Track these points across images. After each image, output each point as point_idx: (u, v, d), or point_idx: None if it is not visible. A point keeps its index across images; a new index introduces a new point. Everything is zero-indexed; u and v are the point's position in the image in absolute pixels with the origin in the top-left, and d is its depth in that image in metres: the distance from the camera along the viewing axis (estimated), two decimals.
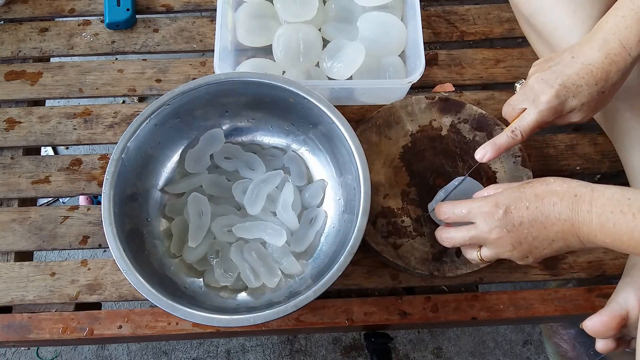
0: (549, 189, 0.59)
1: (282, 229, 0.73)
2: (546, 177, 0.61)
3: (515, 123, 0.68)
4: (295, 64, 0.82)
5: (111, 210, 0.65)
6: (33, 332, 0.75)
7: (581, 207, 0.56)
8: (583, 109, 0.66)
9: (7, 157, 0.84)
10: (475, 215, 0.63)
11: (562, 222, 0.58)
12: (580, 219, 0.56)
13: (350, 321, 0.75)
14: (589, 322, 0.65)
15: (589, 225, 0.56)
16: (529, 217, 0.59)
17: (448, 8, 0.94)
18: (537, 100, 0.66)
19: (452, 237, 0.66)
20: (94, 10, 0.94)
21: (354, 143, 0.68)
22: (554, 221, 0.58)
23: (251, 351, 1.29)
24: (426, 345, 1.29)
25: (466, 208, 0.64)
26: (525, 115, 0.67)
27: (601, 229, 0.55)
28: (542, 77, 0.66)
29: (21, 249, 0.79)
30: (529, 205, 0.59)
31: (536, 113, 0.66)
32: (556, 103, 0.65)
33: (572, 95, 0.65)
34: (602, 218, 0.55)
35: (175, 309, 0.61)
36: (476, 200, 0.64)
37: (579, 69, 0.64)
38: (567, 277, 0.78)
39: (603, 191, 0.56)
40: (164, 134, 0.74)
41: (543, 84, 0.66)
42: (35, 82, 0.89)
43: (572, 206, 0.57)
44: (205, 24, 0.92)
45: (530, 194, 0.59)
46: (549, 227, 0.58)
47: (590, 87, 0.64)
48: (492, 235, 0.62)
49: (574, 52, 0.66)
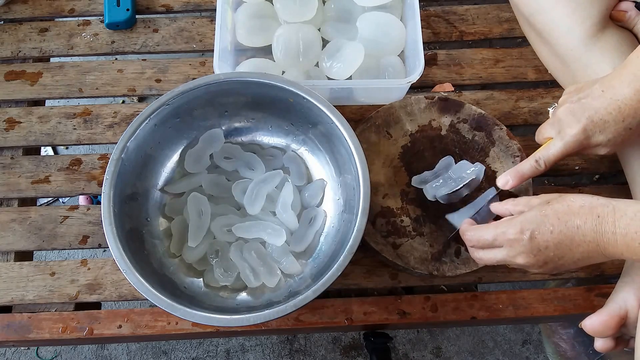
0: (570, 210, 0.58)
1: (281, 228, 0.73)
2: (565, 195, 0.60)
3: (540, 152, 0.68)
4: (294, 64, 0.82)
5: (111, 210, 0.65)
6: (33, 332, 0.75)
7: (605, 229, 0.56)
8: (609, 144, 0.65)
9: (7, 157, 0.85)
10: (501, 242, 0.62)
11: (587, 244, 0.58)
12: (605, 240, 0.56)
13: (350, 321, 0.76)
14: (588, 321, 0.65)
15: (614, 246, 0.56)
16: (554, 241, 0.59)
17: (447, 8, 0.94)
18: (564, 132, 0.66)
19: (481, 259, 0.66)
20: (93, 10, 0.94)
21: (353, 143, 0.68)
22: (579, 243, 0.58)
23: (251, 351, 1.29)
24: (425, 345, 1.29)
25: (491, 235, 0.63)
26: (550, 145, 0.67)
27: (627, 248, 0.55)
28: (571, 110, 0.66)
29: (21, 248, 0.80)
30: (553, 230, 0.59)
31: (562, 145, 0.66)
32: (582, 137, 0.65)
33: (598, 131, 0.64)
34: (627, 238, 0.55)
35: (174, 309, 0.62)
36: (500, 225, 0.63)
37: (607, 104, 0.64)
38: (566, 276, 0.78)
39: (625, 210, 0.56)
40: (163, 134, 0.74)
41: (571, 117, 0.66)
42: (35, 82, 0.89)
43: (595, 228, 0.57)
44: (205, 24, 0.93)
45: (553, 216, 0.59)
46: (574, 248, 0.59)
47: (618, 123, 0.64)
48: (518, 260, 0.62)
49: (604, 86, 0.65)
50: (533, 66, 0.89)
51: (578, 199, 0.59)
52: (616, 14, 0.78)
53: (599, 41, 0.76)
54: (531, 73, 0.89)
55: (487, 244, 0.64)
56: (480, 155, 0.80)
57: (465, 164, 0.77)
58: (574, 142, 0.65)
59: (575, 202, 0.59)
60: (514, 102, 0.87)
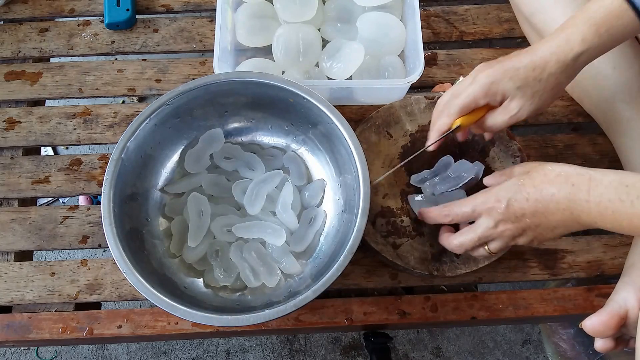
0: (546, 179, 0.59)
1: (281, 228, 0.73)
2: (544, 164, 0.61)
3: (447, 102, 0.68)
4: (294, 64, 0.82)
5: (111, 210, 0.65)
6: (33, 332, 0.75)
7: (579, 197, 0.57)
8: (518, 94, 0.65)
9: (7, 157, 0.85)
10: (480, 212, 0.63)
11: (561, 212, 0.58)
12: (579, 208, 0.57)
13: (350, 321, 0.76)
14: (588, 321, 0.65)
15: (588, 214, 0.57)
16: (530, 209, 0.60)
17: (447, 8, 0.94)
18: (474, 79, 0.66)
19: (463, 243, 0.66)
20: (93, 10, 0.94)
21: (353, 143, 0.68)
22: (554, 211, 0.59)
23: (251, 351, 1.29)
24: (425, 345, 1.29)
25: (470, 207, 0.64)
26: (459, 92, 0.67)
27: (601, 217, 0.56)
28: (486, 62, 0.67)
29: (21, 248, 0.80)
30: (529, 198, 0.60)
31: (469, 89, 0.66)
32: (489, 81, 0.65)
33: (508, 77, 0.64)
34: (601, 207, 0.55)
35: (174, 309, 0.62)
36: (478, 197, 0.64)
37: (522, 57, 0.65)
38: (567, 276, 0.78)
39: (601, 179, 0.56)
40: (163, 134, 0.74)
41: (483, 66, 0.66)
42: (35, 82, 0.89)
43: (569, 196, 0.57)
44: (204, 24, 0.93)
45: (530, 185, 0.60)
46: (549, 216, 0.59)
47: (527, 71, 0.64)
48: (497, 229, 0.63)
49: (527, 48, 0.66)
50: None
51: (556, 167, 0.59)
52: None
53: None
54: None
55: (466, 216, 0.65)
56: (480, 155, 0.80)
57: (464, 163, 0.77)
58: (481, 85, 0.65)
59: (553, 171, 0.59)
60: None
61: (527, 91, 0.65)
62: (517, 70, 0.64)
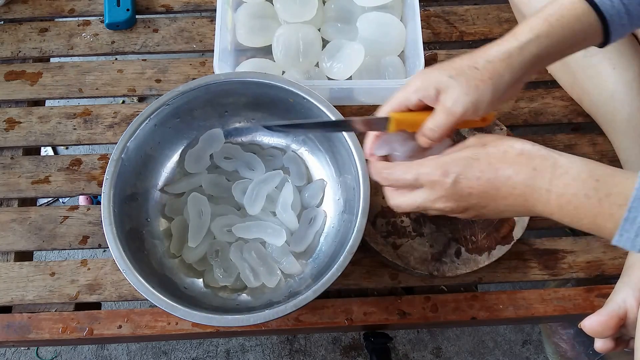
0: (505, 158, 0.52)
1: (281, 228, 0.73)
2: (504, 139, 0.54)
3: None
4: (294, 64, 0.82)
5: (111, 210, 0.65)
6: (33, 332, 0.75)
7: (539, 184, 0.50)
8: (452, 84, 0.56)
9: (7, 157, 0.85)
10: (423, 183, 0.56)
11: (514, 197, 0.52)
12: (535, 197, 0.51)
13: (350, 321, 0.76)
14: (587, 322, 0.65)
15: (545, 204, 0.51)
16: (478, 189, 0.53)
17: (447, 8, 0.94)
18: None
19: (399, 206, 0.59)
20: (93, 10, 0.94)
21: (353, 143, 0.68)
22: (505, 195, 0.52)
23: (251, 351, 1.29)
24: (425, 345, 1.29)
25: (412, 175, 0.56)
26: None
27: (559, 210, 0.50)
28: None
29: (21, 249, 0.80)
30: (481, 176, 0.53)
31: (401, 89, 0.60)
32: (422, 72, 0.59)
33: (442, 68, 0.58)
34: (562, 200, 0.49)
35: (174, 309, 0.62)
36: (424, 165, 0.56)
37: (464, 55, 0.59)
38: (566, 277, 0.78)
39: (568, 167, 0.50)
40: (163, 134, 0.74)
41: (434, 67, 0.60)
42: (35, 82, 0.89)
43: (528, 182, 0.51)
44: (205, 24, 0.93)
45: (485, 161, 0.53)
46: (499, 200, 0.53)
47: (462, 60, 0.57)
48: (438, 204, 0.56)
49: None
50: None
51: (517, 144, 0.53)
52: None
53: None
54: None
55: (407, 184, 0.57)
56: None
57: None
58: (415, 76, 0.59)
59: (513, 148, 0.52)
60: (514, 102, 0.87)
61: (461, 80, 0.56)
62: (453, 62, 0.58)
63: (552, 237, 0.80)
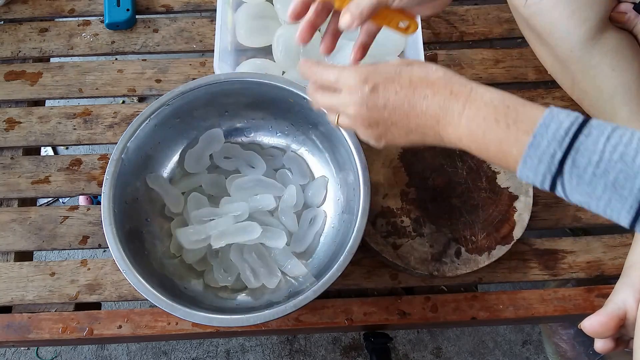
0: (426, 79, 0.53)
1: (280, 230, 0.73)
2: (431, 64, 0.55)
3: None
4: (295, 64, 0.82)
5: (111, 210, 0.65)
6: (33, 332, 0.75)
7: (453, 107, 0.51)
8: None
9: (7, 157, 0.85)
10: (342, 85, 0.57)
11: (426, 117, 0.53)
12: (448, 119, 0.52)
13: (350, 321, 0.76)
14: (587, 322, 0.65)
15: (456, 128, 0.52)
16: (394, 103, 0.54)
17: (447, 8, 0.94)
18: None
19: (316, 101, 0.61)
20: (93, 10, 0.94)
21: (353, 143, 0.68)
22: (418, 113, 0.53)
23: (251, 351, 1.29)
24: (426, 345, 1.29)
25: (334, 76, 0.57)
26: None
27: (469, 134, 0.51)
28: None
29: (21, 249, 0.80)
30: (399, 91, 0.54)
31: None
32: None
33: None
34: (473, 124, 0.50)
35: (174, 309, 0.62)
36: (347, 69, 0.57)
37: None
38: (567, 277, 0.78)
39: (483, 94, 0.51)
40: (163, 134, 0.74)
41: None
42: (35, 82, 0.89)
43: (443, 103, 0.52)
44: (205, 24, 0.93)
45: (405, 78, 0.54)
46: (411, 117, 0.54)
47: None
48: (350, 109, 0.57)
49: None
50: (533, 67, 0.89)
51: (440, 71, 0.54)
52: (615, 16, 0.78)
53: (598, 43, 0.75)
54: (531, 74, 0.89)
55: (327, 84, 0.59)
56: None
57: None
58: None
59: (436, 73, 0.53)
60: None
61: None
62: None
63: (552, 237, 0.80)
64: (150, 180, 0.74)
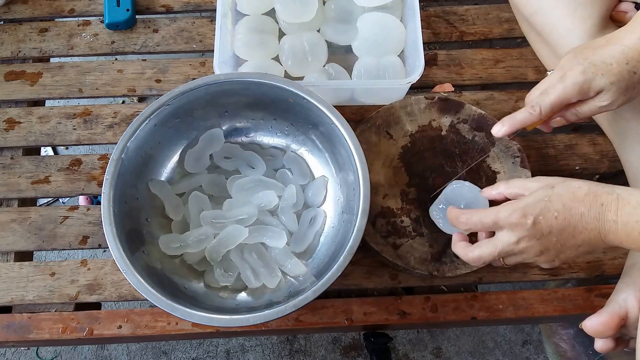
0: (575, 197, 0.58)
1: (281, 230, 0.73)
2: (569, 181, 0.60)
3: (536, 99, 0.65)
4: (304, 65, 0.82)
5: (111, 210, 0.65)
6: (33, 332, 0.75)
7: (607, 217, 0.56)
8: (612, 89, 0.63)
9: (7, 157, 0.85)
10: (503, 225, 0.60)
11: (589, 231, 0.58)
12: (607, 228, 0.57)
13: (350, 321, 0.76)
14: (588, 322, 0.65)
15: (615, 234, 0.56)
16: (557, 227, 0.58)
17: (447, 8, 0.94)
18: (564, 76, 0.64)
19: (481, 257, 0.63)
20: (93, 10, 0.94)
21: (353, 143, 0.68)
22: (581, 230, 0.58)
23: (251, 351, 1.29)
24: (425, 345, 1.29)
25: (492, 218, 0.61)
26: (548, 89, 0.65)
27: (627, 237, 0.56)
28: (573, 56, 0.64)
29: (21, 249, 0.80)
30: (558, 216, 0.58)
31: (560, 88, 0.64)
32: (582, 79, 0.63)
33: (600, 74, 0.62)
34: (628, 227, 0.55)
35: (174, 309, 0.62)
36: (501, 209, 0.60)
37: (611, 49, 0.63)
38: (567, 277, 0.78)
39: (629, 199, 0.56)
40: (163, 134, 0.74)
41: (572, 61, 0.64)
42: (35, 83, 0.89)
43: (598, 216, 0.57)
44: (204, 24, 0.93)
45: (558, 202, 0.58)
46: (577, 235, 0.58)
47: (621, 65, 0.62)
48: (520, 245, 0.60)
49: (608, 37, 0.64)
50: (533, 66, 0.89)
51: (584, 186, 0.58)
52: (616, 15, 0.78)
53: None
54: (531, 73, 0.89)
55: (487, 227, 0.62)
56: (480, 154, 0.80)
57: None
58: (574, 84, 0.63)
59: (581, 190, 0.58)
60: (514, 103, 0.87)
61: (621, 85, 0.62)
62: (610, 66, 0.62)
63: None
64: (152, 185, 0.74)
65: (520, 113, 0.66)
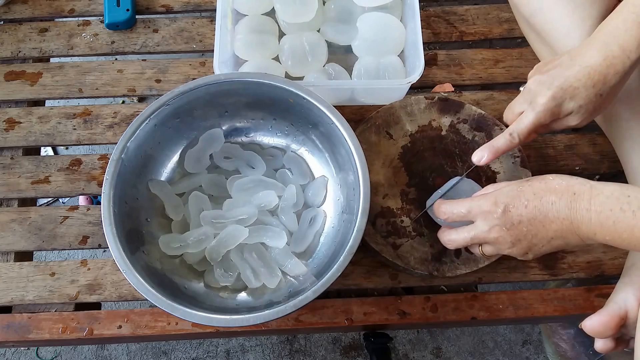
0: (547, 187, 0.59)
1: (281, 230, 0.73)
2: (545, 175, 0.61)
3: (512, 126, 0.68)
4: (304, 64, 0.82)
5: (111, 210, 0.65)
6: (33, 332, 0.75)
7: (580, 206, 0.56)
8: (581, 111, 0.65)
9: (7, 157, 0.85)
10: (475, 214, 0.63)
11: (560, 221, 0.58)
12: (579, 218, 0.56)
13: (350, 321, 0.76)
14: (588, 322, 0.65)
15: (587, 224, 0.56)
16: (527, 216, 0.59)
17: (447, 8, 0.94)
18: (535, 102, 0.66)
19: (454, 240, 0.67)
20: (93, 10, 0.94)
21: (353, 143, 0.68)
22: (552, 219, 0.58)
23: (251, 351, 1.29)
24: (425, 345, 1.29)
25: (465, 207, 0.64)
26: (522, 117, 0.67)
27: (600, 227, 0.55)
28: (540, 80, 0.66)
29: (21, 249, 0.80)
30: (528, 204, 0.59)
31: (533, 115, 0.66)
32: (553, 105, 0.65)
33: (568, 98, 0.64)
34: (602, 216, 0.55)
35: (174, 309, 0.62)
36: (475, 199, 0.64)
37: (577, 71, 0.64)
38: (567, 277, 0.78)
39: (602, 189, 0.56)
40: (163, 134, 0.74)
41: (540, 86, 0.66)
42: (35, 83, 0.89)
43: (570, 204, 0.57)
44: (204, 24, 0.93)
45: (529, 192, 0.60)
46: (547, 225, 0.59)
47: (588, 89, 0.64)
48: (491, 234, 0.62)
49: (572, 55, 0.66)
50: (533, 66, 0.89)
51: (557, 177, 0.59)
52: None
53: None
54: None
55: (460, 216, 0.65)
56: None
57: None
58: (545, 110, 0.65)
59: (554, 181, 0.59)
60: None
61: (589, 107, 0.65)
62: (577, 90, 0.64)
63: None
64: (152, 185, 0.74)
65: (500, 140, 0.68)
